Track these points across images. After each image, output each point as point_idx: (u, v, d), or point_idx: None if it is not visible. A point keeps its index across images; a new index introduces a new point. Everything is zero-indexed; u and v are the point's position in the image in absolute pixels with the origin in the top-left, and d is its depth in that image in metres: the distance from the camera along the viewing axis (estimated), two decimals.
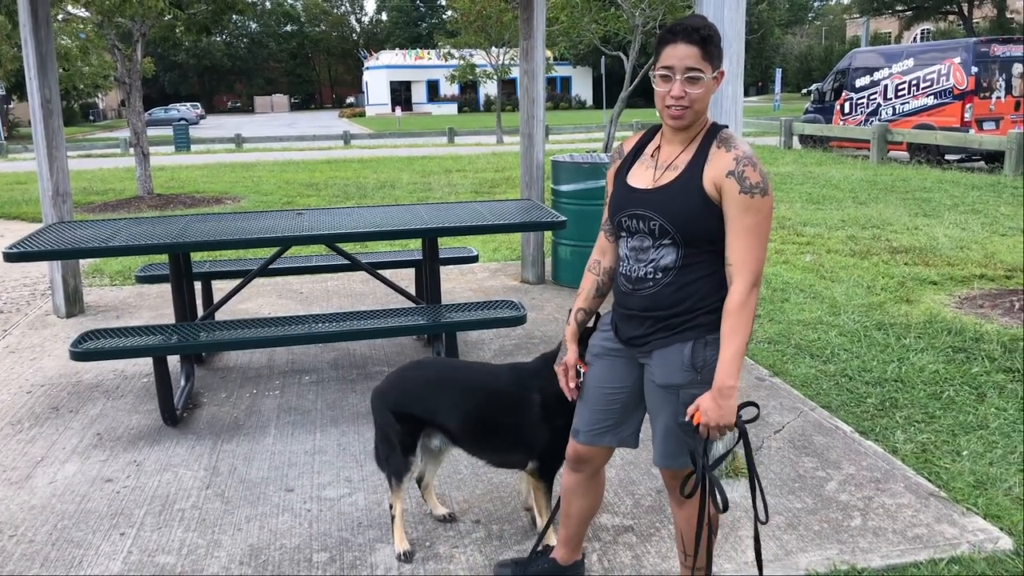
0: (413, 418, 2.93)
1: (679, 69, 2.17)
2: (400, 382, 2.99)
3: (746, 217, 2.18)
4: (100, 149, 27.12)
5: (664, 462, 2.43)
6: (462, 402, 2.91)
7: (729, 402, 2.18)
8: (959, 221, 9.53)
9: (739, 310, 2.17)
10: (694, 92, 2.18)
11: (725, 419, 2.18)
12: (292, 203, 12.46)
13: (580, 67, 55.44)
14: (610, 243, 2.52)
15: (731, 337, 2.17)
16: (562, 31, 18.65)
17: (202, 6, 12.86)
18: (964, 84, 15.91)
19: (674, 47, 2.17)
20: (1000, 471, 3.60)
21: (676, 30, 2.18)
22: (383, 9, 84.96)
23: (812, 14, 79.61)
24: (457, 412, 2.90)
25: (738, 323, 2.17)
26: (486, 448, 2.96)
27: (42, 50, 5.93)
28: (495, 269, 7.67)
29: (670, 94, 2.20)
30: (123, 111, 55.38)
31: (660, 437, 2.40)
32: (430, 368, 3.10)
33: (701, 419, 2.21)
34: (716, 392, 2.18)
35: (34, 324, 6.12)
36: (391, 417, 2.93)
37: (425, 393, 2.94)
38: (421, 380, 2.99)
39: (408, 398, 2.94)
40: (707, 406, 2.19)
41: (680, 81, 2.18)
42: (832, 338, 5.41)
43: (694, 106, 2.21)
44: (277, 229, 4.53)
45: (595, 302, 2.55)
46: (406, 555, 2.98)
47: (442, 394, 2.93)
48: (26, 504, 3.45)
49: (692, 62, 2.16)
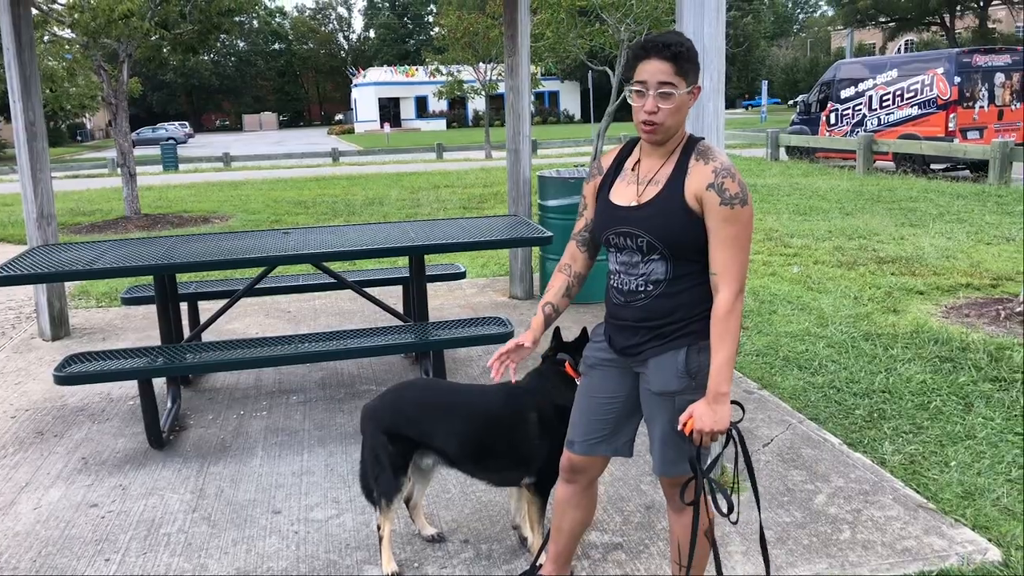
0: (407, 440, 2.92)
1: (652, 84, 2.21)
2: (394, 403, 2.98)
3: (728, 227, 2.21)
4: (87, 169, 27.03)
5: (663, 469, 2.44)
6: (459, 426, 2.90)
7: (723, 408, 2.22)
8: (945, 230, 9.58)
9: (727, 317, 2.21)
10: (666, 107, 2.21)
11: (719, 425, 2.22)
12: (280, 221, 12.44)
13: (568, 81, 55.69)
14: (581, 252, 2.57)
15: (721, 344, 2.22)
16: (548, 46, 18.74)
17: (188, 26, 12.87)
18: (948, 94, 16.05)
19: (647, 63, 2.21)
20: (988, 481, 3.60)
21: (648, 46, 2.22)
22: (371, 27, 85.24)
23: (797, 26, 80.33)
24: (455, 436, 2.90)
25: (726, 330, 2.21)
26: (485, 469, 2.96)
27: (26, 73, 5.92)
28: (483, 285, 7.66)
29: (643, 109, 2.23)
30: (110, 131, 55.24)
31: (659, 445, 2.41)
32: (424, 390, 3.10)
33: (695, 425, 2.23)
34: (710, 398, 2.22)
35: (19, 347, 6.07)
36: (384, 439, 2.91)
37: (420, 416, 2.93)
38: (416, 402, 2.98)
39: (403, 420, 2.93)
40: (701, 412, 2.22)
41: (653, 96, 2.21)
42: (820, 350, 5.42)
43: (667, 121, 2.23)
44: (263, 249, 4.52)
45: (563, 301, 2.57)
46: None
47: (438, 417, 2.92)
48: (10, 530, 3.41)
49: (664, 77, 2.19)
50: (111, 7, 11.12)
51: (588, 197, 2.52)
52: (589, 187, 2.51)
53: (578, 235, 2.57)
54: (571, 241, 2.60)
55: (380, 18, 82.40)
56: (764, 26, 64.79)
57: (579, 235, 2.57)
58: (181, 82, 72.59)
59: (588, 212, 2.53)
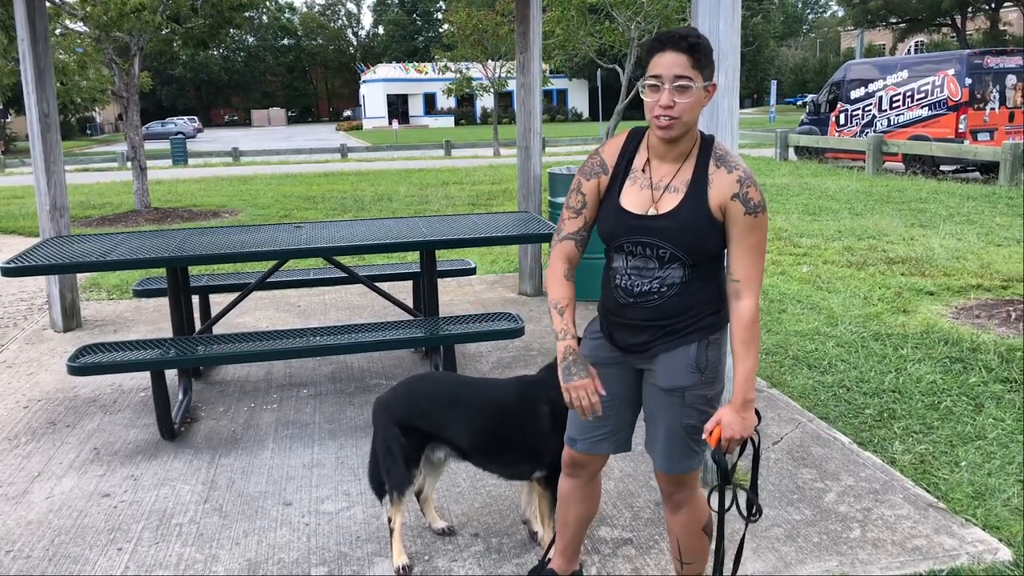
0: (420, 432, 2.94)
1: (668, 78, 2.13)
2: (408, 395, 2.99)
3: (751, 236, 2.21)
4: (97, 163, 27.15)
5: (667, 466, 2.40)
6: (472, 418, 2.91)
7: (751, 415, 2.23)
8: (955, 231, 9.56)
9: (751, 325, 2.22)
10: (683, 101, 2.14)
11: (748, 431, 2.23)
12: (289, 216, 12.47)
13: (576, 80, 55.65)
14: (579, 253, 2.42)
15: (747, 352, 2.22)
16: (558, 44, 18.75)
17: (200, 20, 12.91)
18: (958, 95, 15.99)
19: (662, 55, 2.14)
20: (999, 482, 3.60)
21: (664, 39, 2.15)
22: (380, 23, 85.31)
23: (807, 26, 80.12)
24: (467, 428, 2.91)
25: (752, 337, 2.22)
26: (496, 462, 2.97)
27: (40, 64, 5.95)
28: (492, 281, 7.67)
29: (659, 103, 2.15)
30: (120, 125, 55.45)
31: (663, 441, 2.37)
32: (437, 383, 3.12)
33: (724, 433, 2.22)
34: (739, 406, 2.22)
35: (31, 339, 6.11)
36: (397, 431, 2.92)
37: (434, 408, 2.95)
38: (429, 395, 2.99)
39: (416, 412, 2.94)
40: (730, 420, 2.21)
41: (669, 90, 2.13)
42: (829, 349, 5.42)
43: (683, 117, 2.15)
44: (275, 242, 4.54)
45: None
46: (405, 568, 2.96)
47: (451, 410, 2.93)
48: (23, 519, 3.44)
49: (681, 70, 2.12)
50: (123, 1, 11.16)
51: (589, 195, 2.36)
52: (591, 185, 2.36)
53: (576, 235, 2.40)
54: (566, 242, 2.40)
55: (389, 14, 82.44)
56: (774, 26, 64.62)
57: (577, 235, 2.40)
58: (190, 77, 72.81)
59: (588, 212, 2.37)
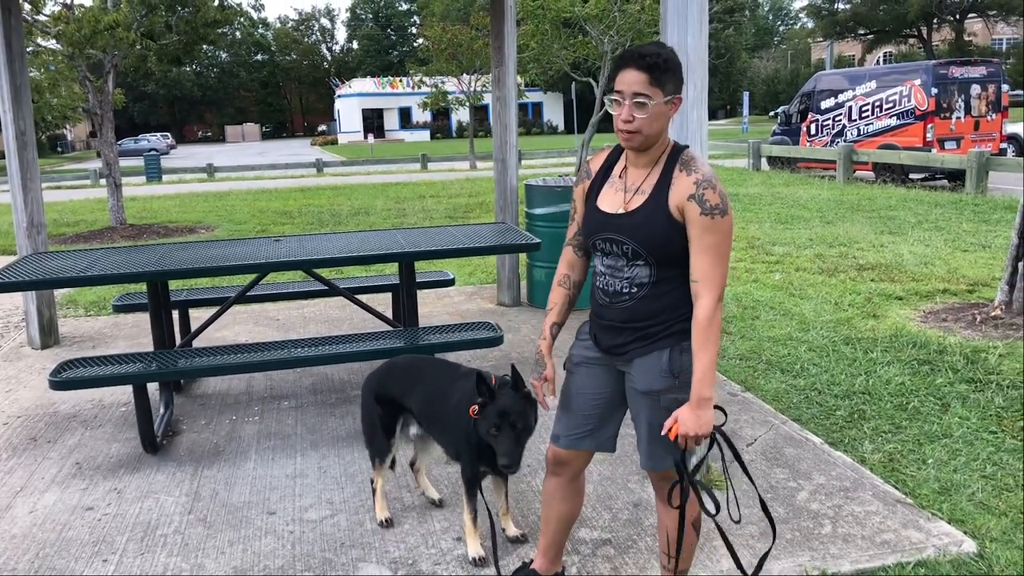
0: (392, 402, 3.29)
1: (628, 94, 2.27)
2: (386, 371, 3.39)
3: (708, 237, 2.29)
4: (69, 180, 26.88)
5: (650, 464, 2.53)
6: (425, 389, 3.24)
7: (707, 413, 2.28)
8: (923, 238, 9.76)
9: (708, 324, 2.28)
10: (641, 116, 2.27)
11: (703, 429, 2.28)
12: (266, 231, 12.47)
13: (551, 93, 55.98)
14: (578, 258, 2.63)
15: (703, 350, 2.28)
16: (532, 57, 18.92)
17: (174, 37, 12.92)
18: (925, 105, 16.32)
19: (624, 72, 2.28)
20: (964, 477, 3.72)
21: (626, 56, 2.30)
22: (354, 38, 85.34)
23: (778, 38, 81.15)
24: (420, 396, 3.25)
25: (708, 337, 2.28)
26: (435, 432, 3.23)
27: (16, 82, 5.97)
28: (471, 292, 7.74)
29: (619, 117, 2.30)
30: (92, 142, 54.92)
31: (645, 441, 2.50)
32: (414, 361, 3.48)
33: (680, 430, 2.29)
34: (694, 404, 2.28)
35: (8, 356, 6.09)
36: (373, 401, 3.31)
37: (403, 381, 3.31)
38: (403, 370, 3.37)
39: (390, 384, 3.32)
40: (685, 417, 2.29)
41: (628, 105, 2.28)
42: (802, 353, 5.54)
43: (644, 130, 2.29)
44: (256, 256, 4.58)
45: (566, 314, 2.65)
46: (387, 521, 3.38)
47: (413, 383, 3.28)
48: (7, 533, 3.45)
49: (639, 87, 2.25)
50: (97, 18, 11.17)
51: (578, 200, 2.58)
52: (578, 190, 2.58)
53: (573, 240, 2.62)
54: (567, 247, 2.64)
55: (363, 29, 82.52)
56: (745, 38, 65.44)
57: (574, 240, 2.62)
58: (163, 93, 72.38)
59: (580, 217, 2.58)
